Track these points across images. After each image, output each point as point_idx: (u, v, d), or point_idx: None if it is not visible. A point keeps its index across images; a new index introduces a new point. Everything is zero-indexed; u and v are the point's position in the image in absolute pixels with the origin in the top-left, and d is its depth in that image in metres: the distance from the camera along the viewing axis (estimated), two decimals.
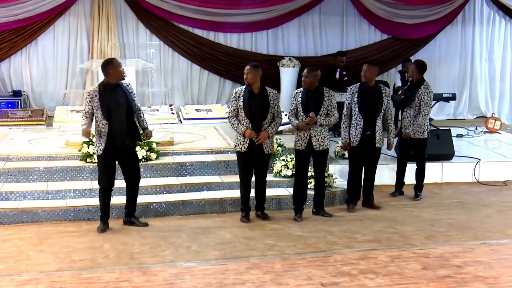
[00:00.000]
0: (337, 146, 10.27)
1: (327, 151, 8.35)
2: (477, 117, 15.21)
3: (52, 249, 7.09)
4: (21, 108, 13.23)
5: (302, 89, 8.29)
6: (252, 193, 8.29)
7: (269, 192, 8.52)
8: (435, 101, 12.52)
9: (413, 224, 8.11)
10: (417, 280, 6.12)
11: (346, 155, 9.25)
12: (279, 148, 9.60)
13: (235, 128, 8.07)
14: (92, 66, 12.03)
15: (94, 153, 7.81)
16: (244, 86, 8.12)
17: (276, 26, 14.59)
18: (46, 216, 8.16)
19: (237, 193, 8.43)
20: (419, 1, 14.85)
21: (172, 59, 14.29)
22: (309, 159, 8.35)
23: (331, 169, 9.51)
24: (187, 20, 14.07)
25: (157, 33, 14.03)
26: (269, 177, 8.49)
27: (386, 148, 8.83)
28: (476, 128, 13.07)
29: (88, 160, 9.08)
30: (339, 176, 9.46)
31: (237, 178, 8.43)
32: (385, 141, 8.81)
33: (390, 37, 15.09)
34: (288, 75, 14.14)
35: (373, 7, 14.74)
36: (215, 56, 14.31)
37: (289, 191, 8.81)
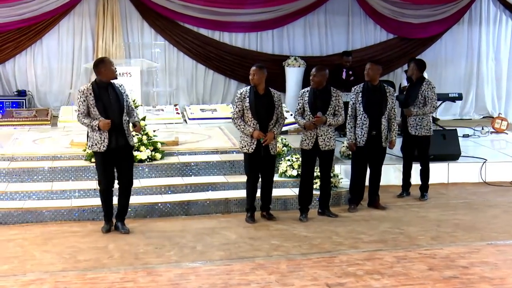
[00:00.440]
0: (343, 146, 10.23)
1: (333, 151, 8.33)
2: (483, 117, 15.16)
3: (56, 249, 7.08)
4: (25, 108, 13.23)
5: (309, 88, 8.26)
6: (258, 194, 8.26)
7: (275, 192, 8.49)
8: (441, 101, 12.49)
9: (419, 224, 8.08)
10: (423, 281, 6.09)
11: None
12: (285, 148, 9.57)
13: (242, 129, 8.02)
14: None
15: (97, 149, 7.49)
16: (248, 87, 8.10)
17: (282, 26, 14.57)
18: (50, 216, 8.16)
19: (242, 193, 8.41)
20: (425, 1, 14.80)
21: (177, 58, 14.29)
22: (315, 159, 8.32)
23: (337, 169, 9.48)
24: (192, 19, 14.06)
25: (162, 32, 14.03)
26: (275, 177, 8.45)
27: (388, 147, 8.78)
28: (482, 128, 13.01)
29: (92, 160, 9.04)
30: (345, 176, 9.42)
31: (242, 178, 8.41)
32: None
33: (396, 37, 15.05)
34: (293, 74, 14.12)
35: (379, 7, 14.70)
36: (220, 56, 14.30)
37: (295, 191, 8.78)
